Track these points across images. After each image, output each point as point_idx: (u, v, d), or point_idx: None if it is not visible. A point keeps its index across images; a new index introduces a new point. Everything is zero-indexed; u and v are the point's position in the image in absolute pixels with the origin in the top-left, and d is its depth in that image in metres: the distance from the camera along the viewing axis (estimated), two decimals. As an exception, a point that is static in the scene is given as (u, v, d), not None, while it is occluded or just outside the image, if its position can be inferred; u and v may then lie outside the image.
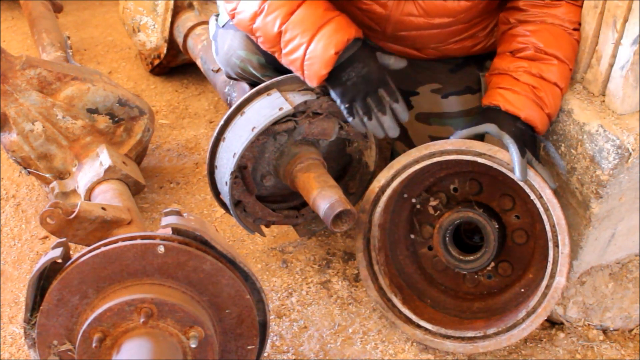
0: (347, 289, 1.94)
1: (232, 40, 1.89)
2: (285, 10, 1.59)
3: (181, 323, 1.35)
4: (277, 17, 1.59)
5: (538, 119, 1.61)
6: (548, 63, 1.61)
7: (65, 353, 1.40)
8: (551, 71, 1.61)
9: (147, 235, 1.39)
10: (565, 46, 1.62)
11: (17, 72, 1.97)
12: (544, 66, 1.61)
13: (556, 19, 1.63)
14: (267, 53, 1.83)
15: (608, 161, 1.52)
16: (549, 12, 1.64)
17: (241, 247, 2.09)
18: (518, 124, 1.61)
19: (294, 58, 1.61)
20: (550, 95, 1.61)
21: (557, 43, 1.61)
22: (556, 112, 1.64)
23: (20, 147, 2.01)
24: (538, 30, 1.64)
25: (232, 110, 1.75)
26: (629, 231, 1.71)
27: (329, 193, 1.63)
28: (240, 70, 1.93)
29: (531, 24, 1.66)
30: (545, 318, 1.63)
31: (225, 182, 1.73)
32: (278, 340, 1.80)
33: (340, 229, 1.62)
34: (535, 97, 1.61)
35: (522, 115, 1.61)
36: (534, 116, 1.61)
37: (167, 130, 2.57)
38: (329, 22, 1.58)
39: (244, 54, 1.88)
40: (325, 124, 1.75)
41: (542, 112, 1.61)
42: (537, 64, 1.62)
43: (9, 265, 2.02)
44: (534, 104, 1.61)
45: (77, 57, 2.96)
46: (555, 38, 1.62)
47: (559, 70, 1.61)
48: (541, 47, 1.62)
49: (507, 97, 1.63)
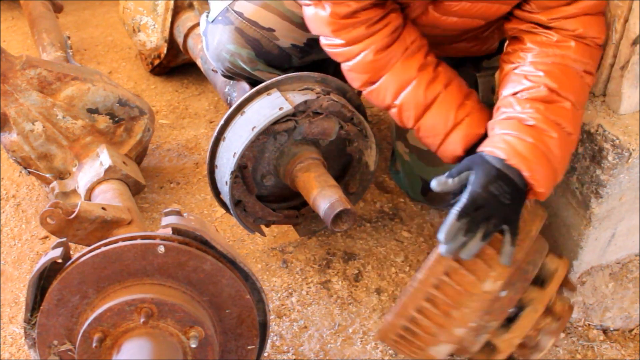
0: (347, 289, 1.94)
1: (221, 34, 1.88)
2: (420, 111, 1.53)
3: (181, 323, 1.35)
4: (411, 115, 1.55)
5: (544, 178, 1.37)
6: (562, 107, 1.41)
7: (65, 353, 1.40)
8: (563, 116, 1.40)
9: (148, 235, 1.39)
10: (578, 90, 1.44)
11: (17, 72, 1.97)
12: (556, 109, 1.40)
13: (568, 60, 1.44)
14: (257, 47, 1.83)
15: (608, 161, 1.53)
16: (560, 53, 1.44)
17: (241, 247, 2.09)
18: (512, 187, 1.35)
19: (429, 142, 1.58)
20: (557, 142, 1.39)
21: (571, 85, 1.42)
22: (565, 167, 1.44)
23: (21, 147, 2.02)
24: (551, 71, 1.43)
25: (232, 110, 1.75)
26: (629, 231, 1.71)
27: (329, 193, 1.63)
28: (230, 65, 1.92)
29: (542, 64, 1.44)
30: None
31: (225, 182, 1.73)
32: (278, 340, 1.80)
33: (340, 228, 1.62)
34: (544, 146, 1.37)
35: (525, 173, 1.35)
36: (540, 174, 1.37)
37: (167, 130, 2.57)
38: (461, 122, 1.51)
39: (233, 48, 1.87)
40: (325, 124, 1.75)
41: (549, 166, 1.38)
42: (549, 107, 1.40)
43: (9, 265, 2.02)
44: (543, 157, 1.37)
45: (77, 57, 2.96)
46: (570, 80, 1.43)
47: (572, 116, 1.42)
48: (554, 88, 1.41)
49: (516, 147, 1.37)
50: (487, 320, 1.42)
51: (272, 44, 1.85)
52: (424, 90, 1.52)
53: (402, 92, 1.54)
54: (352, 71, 1.58)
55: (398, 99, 1.55)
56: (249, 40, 1.85)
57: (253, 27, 1.84)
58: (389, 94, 1.56)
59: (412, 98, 1.53)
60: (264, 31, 1.84)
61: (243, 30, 1.85)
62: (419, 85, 1.53)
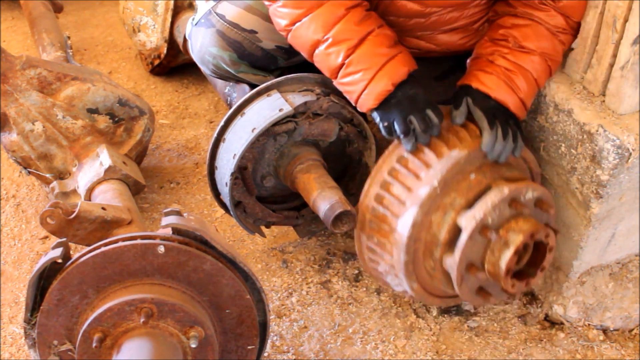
0: (347, 289, 1.94)
1: (203, 37, 1.89)
2: (351, 44, 1.56)
3: (181, 323, 1.35)
4: (342, 50, 1.57)
5: (510, 101, 1.59)
6: (527, 55, 1.61)
7: (65, 353, 1.40)
8: (528, 62, 1.60)
9: (147, 235, 1.39)
10: (546, 44, 1.61)
11: (17, 72, 1.97)
12: (522, 56, 1.61)
13: (541, 20, 1.62)
14: (239, 49, 1.84)
15: (608, 161, 1.52)
16: (535, 13, 1.63)
17: (241, 247, 2.09)
18: (491, 102, 1.59)
19: (352, 90, 1.60)
20: (524, 81, 1.60)
21: (537, 40, 1.61)
22: (530, 100, 1.64)
23: (21, 147, 2.01)
24: (522, 26, 1.63)
25: (232, 111, 1.75)
26: (629, 231, 1.71)
27: (329, 194, 1.63)
28: (215, 68, 1.92)
29: (518, 18, 1.64)
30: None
31: (225, 183, 1.73)
32: (278, 340, 1.80)
33: (340, 230, 1.62)
34: (507, 79, 1.59)
35: (492, 94, 1.59)
36: (506, 97, 1.59)
37: (167, 130, 2.57)
38: (392, 59, 1.57)
39: (215, 51, 1.87)
40: (325, 125, 1.75)
41: (514, 94, 1.59)
42: (516, 53, 1.61)
43: (9, 265, 2.02)
44: (506, 86, 1.59)
45: (77, 57, 2.96)
46: (537, 35, 1.61)
47: (537, 63, 1.61)
48: (520, 41, 1.61)
49: (480, 77, 1.61)
50: (453, 197, 1.53)
51: (255, 46, 1.86)
52: (357, 25, 1.56)
53: (335, 26, 1.56)
54: (285, 6, 1.60)
55: (330, 32, 1.57)
56: (231, 42, 1.85)
57: (234, 29, 1.84)
58: (320, 28, 1.57)
59: (345, 32, 1.56)
60: (245, 33, 1.84)
61: (224, 32, 1.85)
62: (351, 19, 1.56)
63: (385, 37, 1.59)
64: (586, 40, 1.59)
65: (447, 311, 1.89)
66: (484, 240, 1.51)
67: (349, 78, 1.58)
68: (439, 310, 1.89)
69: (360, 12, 1.58)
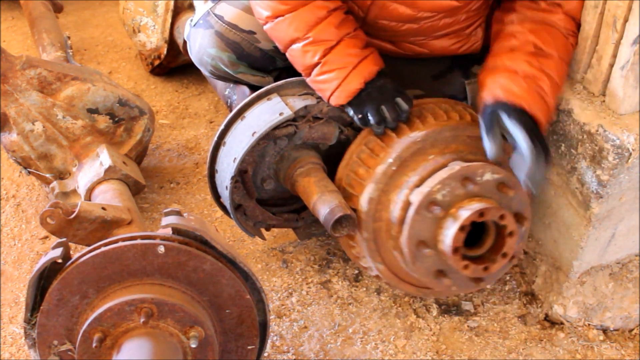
0: (347, 289, 1.94)
1: (202, 38, 1.89)
2: (329, 45, 1.63)
3: (181, 323, 1.35)
4: (319, 50, 1.63)
5: (540, 111, 1.54)
6: (548, 59, 1.59)
7: (65, 353, 1.40)
8: (550, 67, 1.59)
9: (148, 235, 1.39)
10: (562, 47, 1.61)
11: (17, 72, 1.97)
12: (544, 61, 1.59)
13: (553, 23, 1.62)
14: (237, 50, 1.85)
15: (608, 161, 1.52)
16: (546, 17, 1.63)
17: (241, 247, 2.09)
18: (526, 117, 1.53)
19: (325, 87, 1.66)
20: (549, 86, 1.57)
21: (554, 43, 1.60)
22: (555, 106, 1.62)
23: (21, 147, 2.02)
24: (537, 30, 1.62)
25: (233, 115, 1.75)
26: (629, 231, 1.71)
27: (329, 198, 1.63)
28: (213, 69, 1.93)
29: (529, 23, 1.64)
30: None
31: (225, 187, 1.73)
32: (278, 340, 1.80)
33: (340, 233, 1.62)
34: (537, 87, 1.55)
35: (525, 106, 1.52)
36: (537, 108, 1.54)
37: (167, 130, 2.57)
38: (364, 59, 1.64)
39: (214, 52, 1.88)
40: (325, 129, 1.75)
41: (544, 102, 1.56)
42: (537, 59, 1.59)
43: (9, 265, 2.02)
44: (537, 95, 1.55)
45: (77, 57, 2.96)
46: (553, 38, 1.61)
47: (557, 67, 1.59)
48: (540, 45, 1.60)
49: (511, 89, 1.55)
50: (410, 176, 1.58)
51: (254, 47, 1.86)
52: (336, 27, 1.63)
53: (316, 26, 1.63)
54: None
55: (311, 32, 1.63)
56: (229, 43, 1.85)
57: (233, 30, 1.85)
58: (302, 27, 1.62)
59: (325, 33, 1.63)
60: (244, 34, 1.84)
61: (223, 33, 1.85)
62: (332, 21, 1.63)
63: (358, 39, 1.66)
64: (586, 40, 1.59)
65: (447, 311, 1.89)
66: (434, 218, 1.52)
67: (324, 76, 1.64)
68: (439, 310, 1.89)
69: (340, 15, 1.65)
